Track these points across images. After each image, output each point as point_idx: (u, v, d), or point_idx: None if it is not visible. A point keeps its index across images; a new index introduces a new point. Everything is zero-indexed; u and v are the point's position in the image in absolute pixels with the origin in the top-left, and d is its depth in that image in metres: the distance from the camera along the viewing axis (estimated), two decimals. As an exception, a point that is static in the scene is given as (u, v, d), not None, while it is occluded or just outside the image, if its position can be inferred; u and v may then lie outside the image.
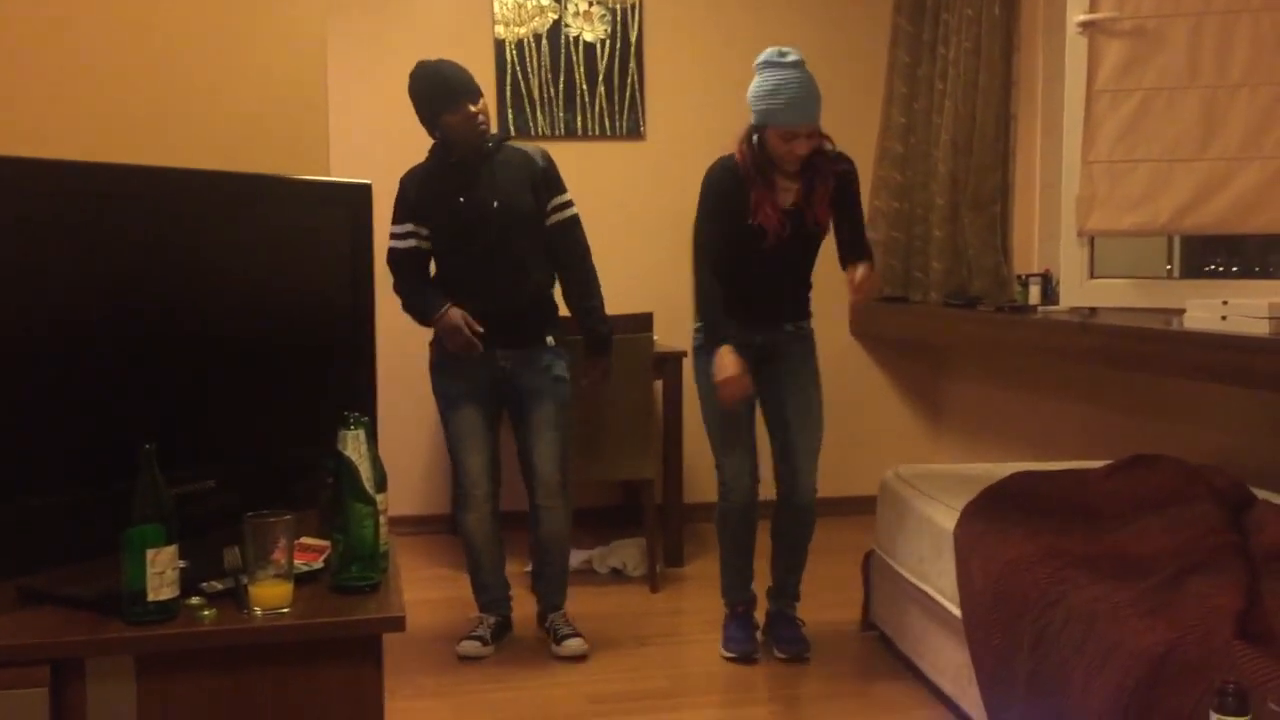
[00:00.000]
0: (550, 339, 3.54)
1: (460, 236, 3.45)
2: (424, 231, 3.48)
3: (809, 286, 3.55)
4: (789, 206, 3.35)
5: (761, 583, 3.64)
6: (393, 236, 3.48)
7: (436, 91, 3.38)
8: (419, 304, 3.48)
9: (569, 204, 3.56)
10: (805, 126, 3.23)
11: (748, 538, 3.54)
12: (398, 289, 3.49)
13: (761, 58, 3.27)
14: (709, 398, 3.44)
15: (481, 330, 3.42)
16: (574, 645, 3.57)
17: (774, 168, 3.31)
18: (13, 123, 2.46)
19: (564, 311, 3.67)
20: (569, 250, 3.56)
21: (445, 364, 3.51)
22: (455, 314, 3.41)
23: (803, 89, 3.21)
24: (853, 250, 3.45)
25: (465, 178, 3.43)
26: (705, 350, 3.43)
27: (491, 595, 3.66)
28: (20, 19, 2.48)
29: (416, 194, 3.47)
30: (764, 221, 3.31)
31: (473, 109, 3.37)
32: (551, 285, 3.60)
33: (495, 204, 3.41)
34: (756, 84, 3.27)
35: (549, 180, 3.51)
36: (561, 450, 3.55)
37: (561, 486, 3.57)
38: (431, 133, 3.47)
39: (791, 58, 3.24)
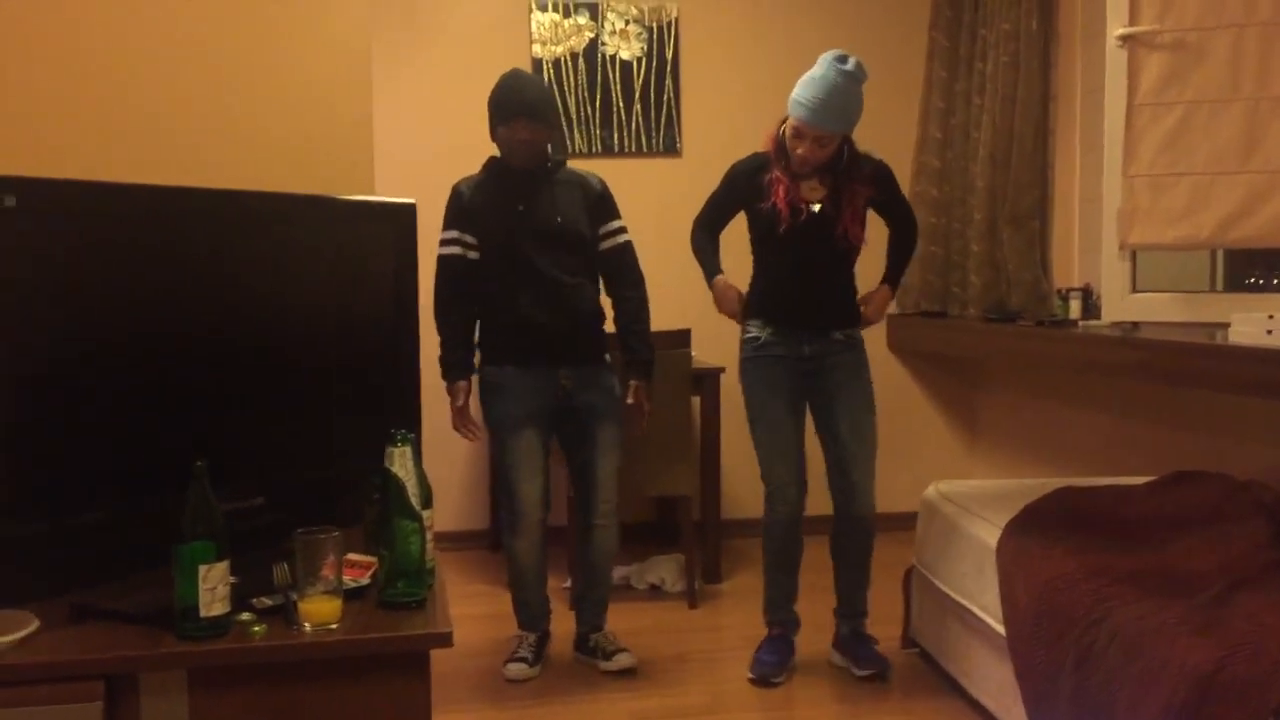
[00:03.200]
0: (607, 356, 3.57)
1: (516, 248, 3.41)
2: (470, 239, 3.46)
3: (853, 292, 3.52)
4: (813, 202, 3.35)
5: (826, 603, 3.62)
6: (440, 244, 3.49)
7: (497, 102, 3.41)
8: (448, 336, 3.49)
9: (622, 230, 3.59)
10: (812, 130, 3.21)
11: (793, 551, 3.52)
12: (436, 295, 3.48)
13: (825, 54, 3.26)
14: (758, 409, 3.45)
15: (479, 430, 3.54)
16: (624, 660, 3.58)
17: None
18: (63, 146, 2.50)
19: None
20: (623, 275, 3.59)
21: (505, 386, 3.45)
22: (461, 398, 3.48)
23: (830, 96, 3.18)
24: (896, 251, 3.56)
25: (524, 191, 3.44)
26: (751, 362, 3.45)
27: (533, 612, 3.65)
28: (65, 43, 2.52)
29: (470, 201, 3.47)
30: (775, 202, 3.32)
31: (524, 131, 3.36)
32: (600, 307, 3.61)
33: (558, 219, 3.43)
34: (806, 73, 3.27)
35: (604, 206, 3.54)
36: (617, 469, 3.59)
37: (616, 506, 3.60)
38: (494, 141, 3.50)
39: (846, 66, 3.20)
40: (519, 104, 3.37)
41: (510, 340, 3.45)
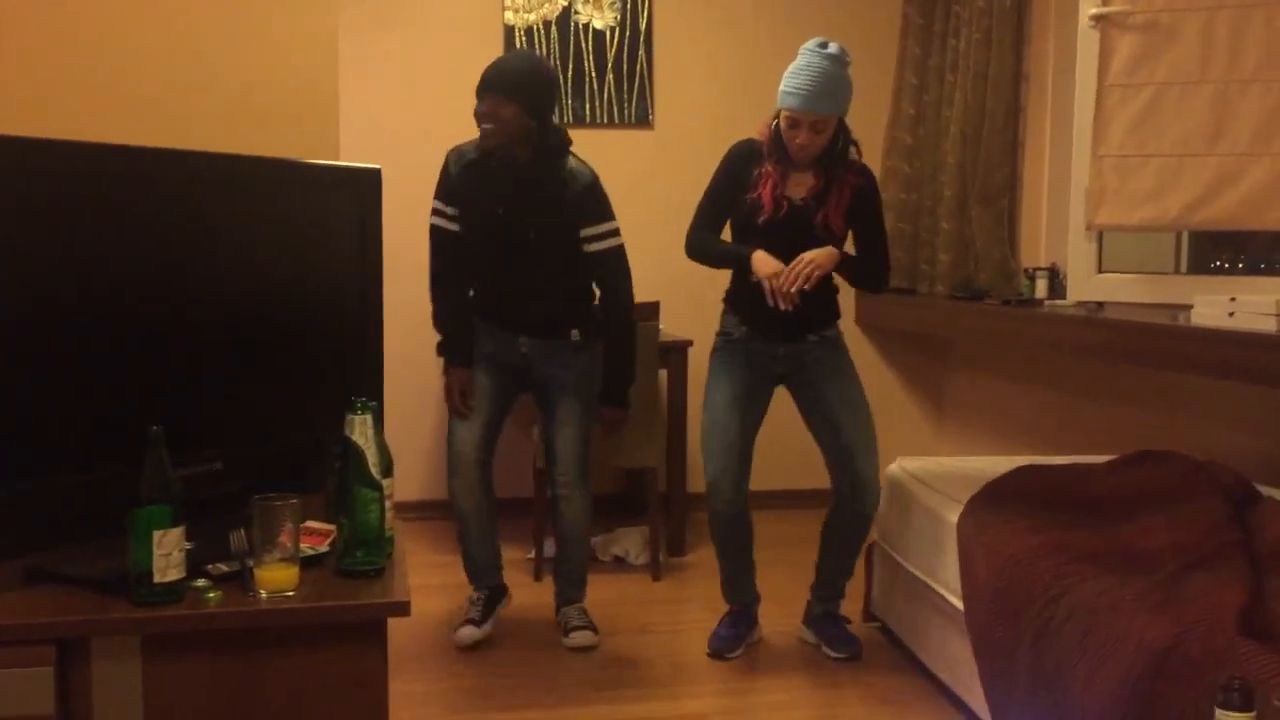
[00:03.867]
0: (576, 334, 3.47)
1: (492, 243, 3.40)
2: (453, 212, 3.42)
3: (833, 292, 3.43)
4: (800, 199, 3.30)
5: (797, 578, 3.61)
6: (433, 212, 3.46)
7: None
8: (440, 310, 3.50)
9: (609, 234, 3.44)
10: (808, 117, 3.18)
11: (739, 538, 3.50)
12: (430, 264, 3.49)
13: (805, 44, 3.22)
14: (708, 400, 3.44)
15: (472, 406, 3.47)
16: (580, 638, 3.55)
17: (787, 154, 3.29)
18: (22, 103, 2.45)
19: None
20: (605, 283, 3.50)
21: (476, 333, 3.50)
22: (456, 380, 3.45)
23: (820, 81, 3.14)
24: (858, 261, 3.40)
25: (504, 191, 3.35)
26: (716, 353, 3.46)
27: (479, 565, 3.62)
28: (26, 3, 2.47)
29: (455, 180, 3.41)
30: (761, 194, 3.29)
31: (485, 104, 3.23)
32: (585, 291, 3.54)
33: (531, 234, 3.35)
34: (789, 66, 3.22)
35: (587, 205, 3.38)
36: (581, 442, 3.53)
37: (580, 477, 3.54)
38: None
39: (829, 50, 3.17)
40: (485, 77, 3.25)
41: (479, 298, 3.50)
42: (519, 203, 3.35)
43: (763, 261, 3.24)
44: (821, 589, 3.58)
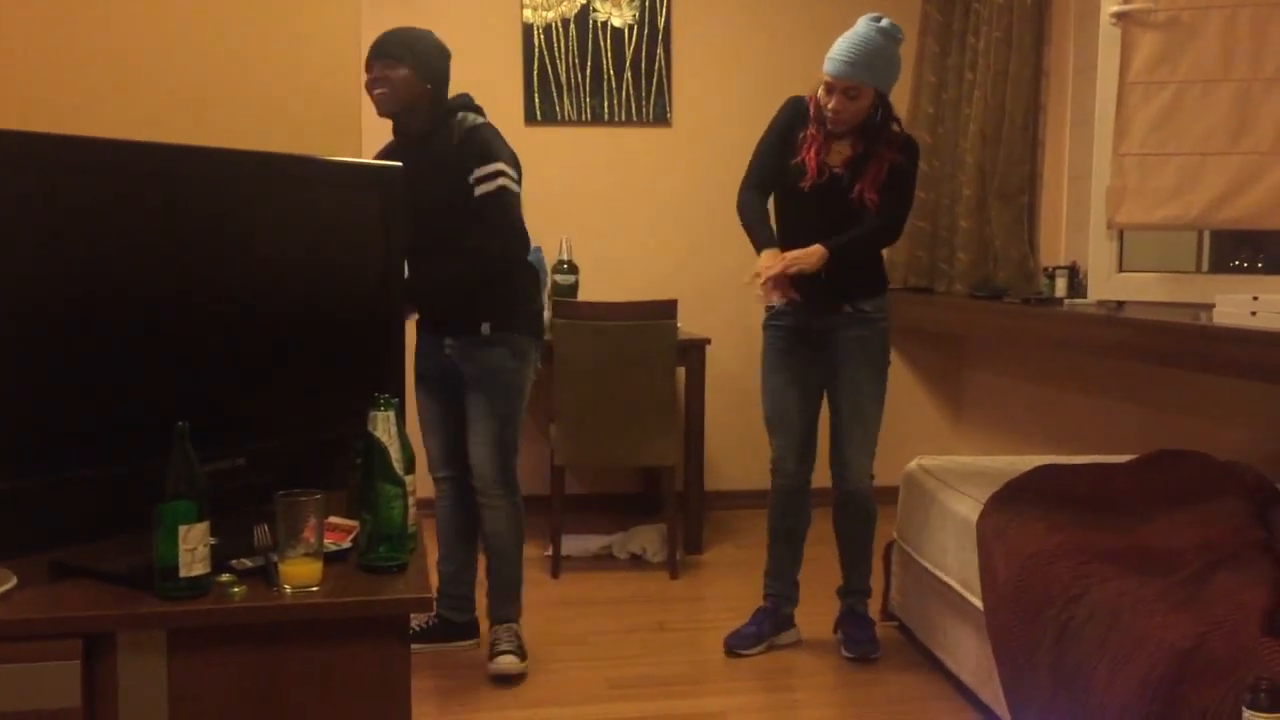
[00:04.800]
0: (486, 327, 3.19)
1: (411, 230, 2.91)
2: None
3: (874, 265, 3.41)
4: (837, 168, 3.29)
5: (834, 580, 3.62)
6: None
7: None
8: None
9: (492, 175, 3.08)
10: (840, 83, 3.18)
11: (793, 524, 3.52)
12: None
13: (861, 17, 3.25)
14: (764, 380, 3.47)
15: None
16: (503, 663, 3.25)
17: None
18: (47, 100, 2.47)
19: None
20: (482, 227, 3.10)
21: (418, 345, 3.35)
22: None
23: (860, 49, 3.15)
24: (859, 231, 3.28)
25: (408, 162, 2.78)
26: (766, 331, 3.46)
27: (440, 589, 3.41)
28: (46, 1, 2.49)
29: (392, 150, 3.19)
30: (804, 159, 3.29)
31: (371, 73, 3.04)
32: (487, 272, 3.19)
33: (419, 206, 2.90)
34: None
35: (468, 153, 3.07)
36: (495, 445, 3.23)
37: (498, 483, 3.25)
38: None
39: (880, 24, 3.20)
40: (373, 44, 3.05)
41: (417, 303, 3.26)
42: (418, 178, 2.86)
43: (763, 258, 3.27)
44: (842, 585, 3.58)
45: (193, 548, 1.71)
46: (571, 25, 5.04)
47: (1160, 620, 2.21)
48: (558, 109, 5.04)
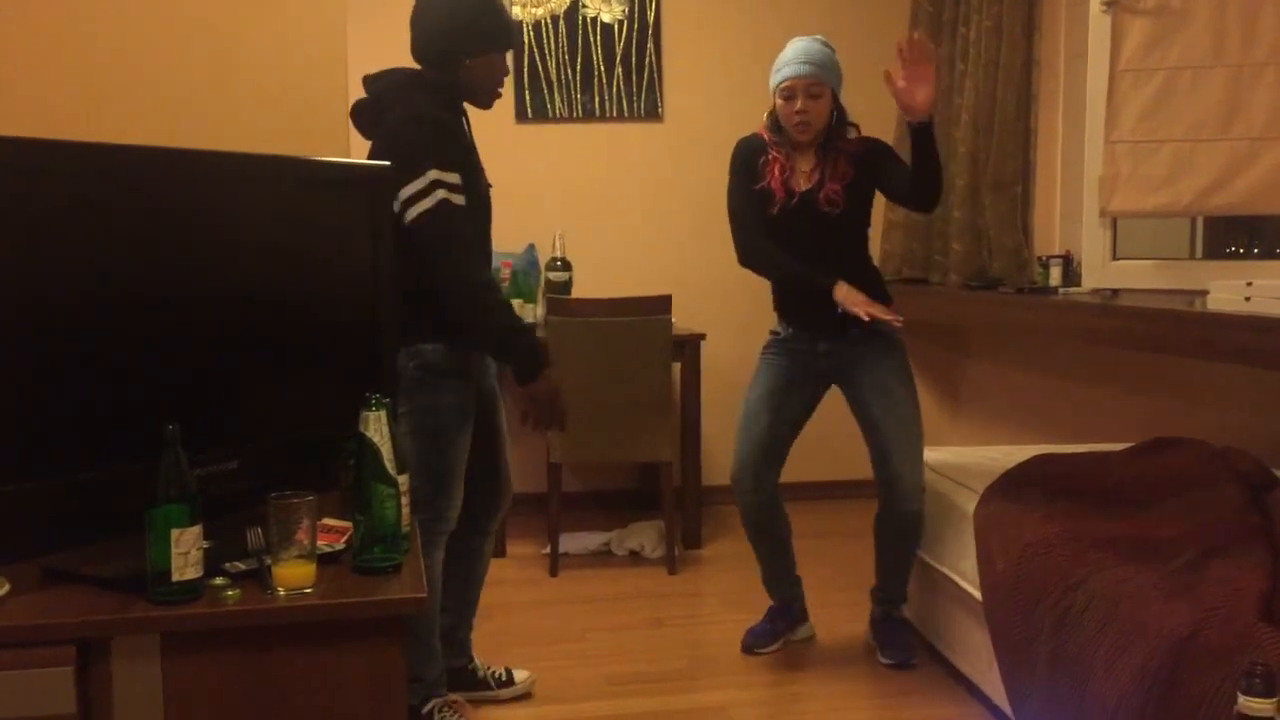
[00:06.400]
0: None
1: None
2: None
3: (871, 279, 3.35)
4: (804, 189, 3.28)
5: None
6: (452, 189, 2.58)
7: (489, 22, 2.67)
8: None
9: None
10: (801, 82, 3.20)
11: (771, 533, 3.45)
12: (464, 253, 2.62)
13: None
14: (748, 396, 3.41)
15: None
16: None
17: (788, 139, 3.29)
18: (32, 103, 2.46)
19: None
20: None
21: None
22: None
23: (806, 50, 3.23)
24: (918, 188, 3.20)
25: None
26: (764, 349, 3.43)
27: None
28: (35, 4, 2.48)
29: (464, 141, 2.70)
30: (770, 184, 3.28)
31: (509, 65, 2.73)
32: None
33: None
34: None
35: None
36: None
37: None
38: (439, 67, 2.70)
39: (815, 36, 3.30)
40: (513, 30, 2.74)
41: None
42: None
43: (849, 299, 3.18)
44: (877, 590, 3.49)
45: (185, 551, 1.71)
46: (561, 21, 5.03)
47: (1158, 609, 2.21)
48: (548, 106, 5.03)
